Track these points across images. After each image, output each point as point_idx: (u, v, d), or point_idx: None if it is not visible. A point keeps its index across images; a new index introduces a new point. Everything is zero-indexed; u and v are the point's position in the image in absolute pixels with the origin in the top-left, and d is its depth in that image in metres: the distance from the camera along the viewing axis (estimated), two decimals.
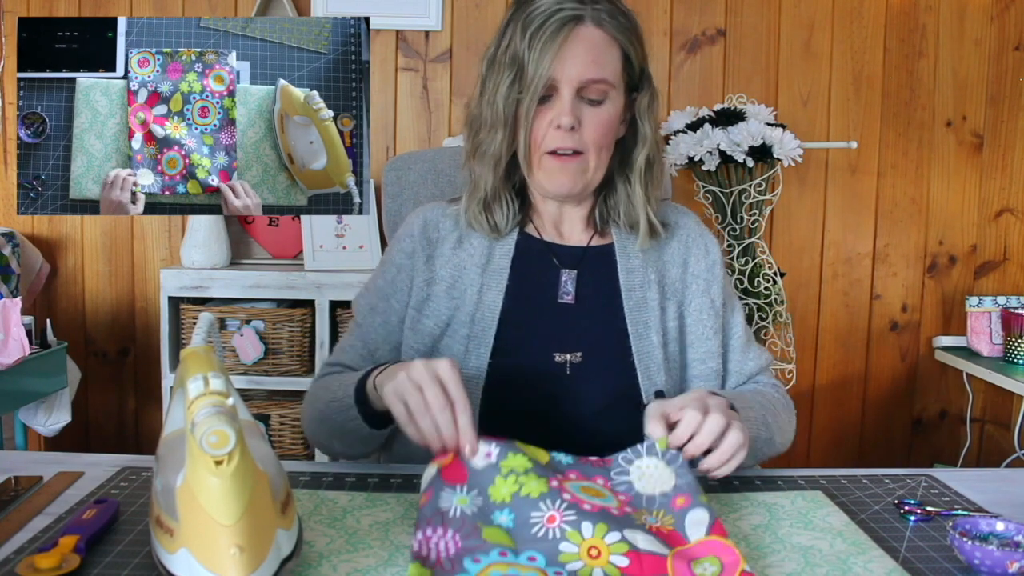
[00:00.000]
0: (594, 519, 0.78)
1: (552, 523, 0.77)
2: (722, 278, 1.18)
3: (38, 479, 0.95)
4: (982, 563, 0.76)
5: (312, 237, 2.30)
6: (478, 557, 0.73)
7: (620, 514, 0.80)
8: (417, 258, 1.15)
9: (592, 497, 0.82)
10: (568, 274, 1.14)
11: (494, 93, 1.09)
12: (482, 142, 1.12)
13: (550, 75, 1.04)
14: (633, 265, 1.15)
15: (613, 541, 0.75)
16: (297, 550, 0.73)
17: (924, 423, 2.64)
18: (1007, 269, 2.60)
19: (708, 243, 1.20)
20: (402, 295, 1.16)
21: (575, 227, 1.18)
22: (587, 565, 0.73)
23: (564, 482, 0.83)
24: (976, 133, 2.55)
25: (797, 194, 2.53)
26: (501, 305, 1.11)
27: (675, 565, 0.74)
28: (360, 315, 1.18)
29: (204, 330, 0.89)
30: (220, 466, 0.66)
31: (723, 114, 2.23)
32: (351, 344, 1.17)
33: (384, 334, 1.16)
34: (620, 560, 0.74)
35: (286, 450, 2.26)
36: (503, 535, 0.77)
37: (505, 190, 1.15)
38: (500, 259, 1.14)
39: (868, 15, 2.50)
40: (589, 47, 1.05)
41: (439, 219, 1.18)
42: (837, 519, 0.90)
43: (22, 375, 1.97)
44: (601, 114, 1.08)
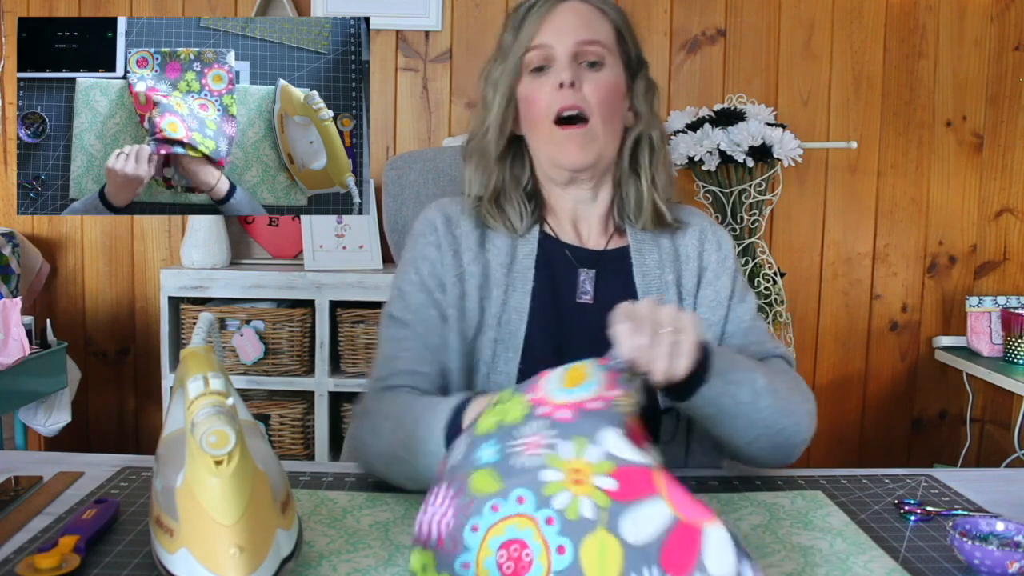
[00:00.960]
0: (571, 432, 0.74)
1: (531, 450, 0.73)
2: (732, 271, 1.16)
3: (38, 479, 0.95)
4: (982, 563, 0.76)
5: (312, 237, 2.30)
6: (476, 524, 0.71)
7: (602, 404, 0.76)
8: (445, 252, 1.11)
9: (573, 390, 0.78)
10: (586, 274, 1.13)
11: (492, 91, 1.12)
12: (486, 131, 1.12)
13: (541, 42, 1.07)
14: (649, 267, 1.14)
15: (596, 459, 0.72)
16: (297, 550, 0.73)
17: (924, 423, 2.64)
18: (1007, 269, 2.60)
19: (721, 239, 1.18)
20: (442, 289, 1.10)
21: (593, 228, 1.16)
22: (574, 497, 0.70)
23: (540, 386, 0.79)
24: (976, 133, 2.55)
25: (797, 194, 2.53)
26: (528, 308, 1.09)
27: (662, 477, 0.70)
28: (407, 313, 1.10)
29: (204, 330, 0.89)
30: (220, 466, 0.66)
31: (723, 114, 2.23)
32: (405, 349, 1.08)
33: (441, 330, 1.09)
34: (606, 482, 0.70)
35: (286, 450, 2.26)
36: (488, 478, 0.74)
37: (516, 192, 1.13)
38: (524, 259, 1.11)
39: (868, 15, 2.50)
40: (579, 15, 1.09)
41: (458, 215, 1.14)
42: (837, 519, 0.90)
43: (22, 375, 1.97)
44: (601, 76, 1.08)
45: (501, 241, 1.12)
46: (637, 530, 0.67)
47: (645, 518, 0.68)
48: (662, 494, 0.69)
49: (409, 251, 1.14)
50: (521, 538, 0.69)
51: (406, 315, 1.09)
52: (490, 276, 1.10)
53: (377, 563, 0.78)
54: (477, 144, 1.14)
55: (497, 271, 1.11)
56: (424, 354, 1.07)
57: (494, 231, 1.13)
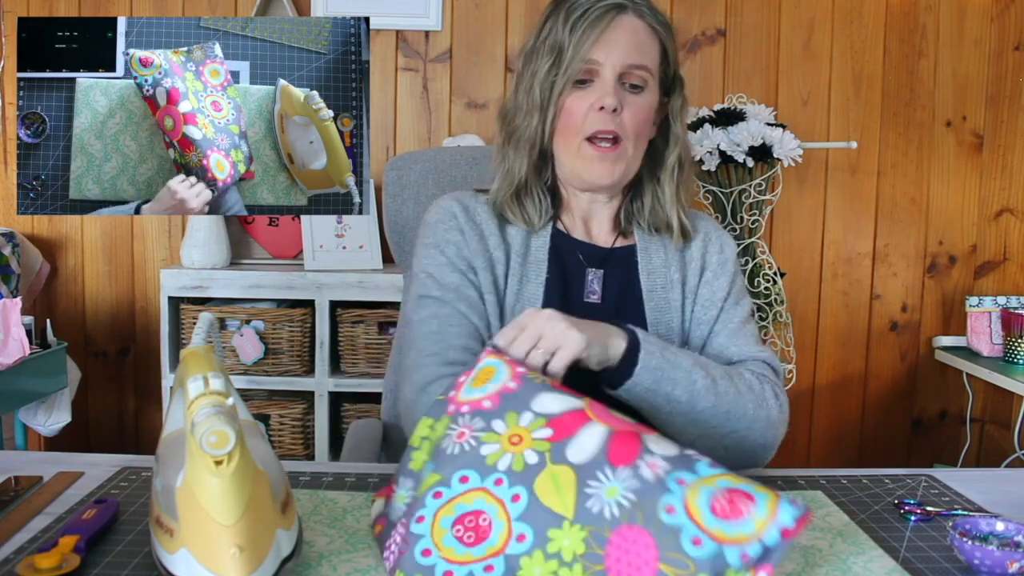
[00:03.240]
0: (499, 412, 0.77)
1: (462, 438, 0.77)
2: (731, 274, 1.17)
3: (38, 479, 0.95)
4: (982, 563, 0.76)
5: (312, 237, 2.30)
6: (421, 516, 0.73)
7: (518, 385, 0.80)
8: (469, 237, 1.10)
9: (486, 386, 0.81)
10: (594, 273, 1.14)
11: (531, 80, 1.09)
12: (517, 127, 1.11)
13: (592, 57, 1.05)
14: (654, 266, 1.15)
15: (528, 422, 0.75)
16: (297, 550, 0.73)
17: (924, 423, 2.64)
18: (1007, 269, 2.60)
19: (724, 242, 1.19)
20: (473, 272, 1.09)
21: (603, 226, 1.17)
22: (516, 454, 0.73)
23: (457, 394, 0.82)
24: (976, 133, 2.55)
25: (797, 194, 2.53)
26: (542, 300, 1.09)
27: (592, 409, 0.75)
28: (446, 292, 1.07)
29: (204, 330, 0.89)
30: (220, 466, 0.66)
31: (723, 114, 2.23)
32: (452, 325, 1.05)
33: (482, 311, 1.07)
34: (542, 433, 0.74)
35: (286, 450, 2.26)
36: (429, 478, 0.76)
37: (537, 185, 1.14)
38: (537, 251, 1.12)
39: (868, 15, 2.50)
40: (632, 33, 1.07)
41: (475, 205, 1.14)
42: (837, 519, 0.90)
43: (22, 375, 1.97)
44: (641, 101, 1.08)
45: (516, 232, 1.13)
46: (582, 451, 0.71)
47: (585, 441, 0.72)
48: (595, 419, 0.74)
49: (428, 237, 1.13)
50: (474, 510, 0.72)
51: (445, 294, 1.07)
52: (509, 265, 1.12)
53: (377, 563, 0.78)
54: (523, 134, 1.11)
55: (514, 260, 1.12)
56: (471, 330, 1.05)
57: (510, 224, 1.14)
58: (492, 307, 1.09)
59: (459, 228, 1.11)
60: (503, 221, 1.14)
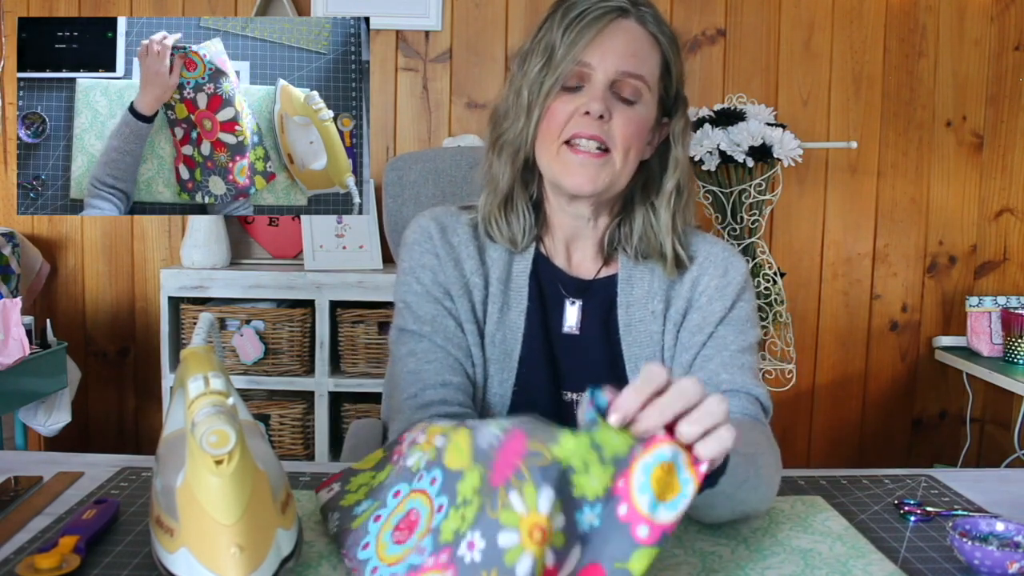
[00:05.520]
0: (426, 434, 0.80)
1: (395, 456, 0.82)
2: (730, 298, 1.06)
3: (38, 479, 0.95)
4: (982, 563, 0.76)
5: (312, 237, 2.30)
6: (366, 543, 0.74)
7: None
8: (444, 261, 1.06)
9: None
10: (572, 304, 1.08)
11: (521, 80, 1.03)
12: (504, 132, 1.05)
13: (584, 59, 0.98)
14: (635, 298, 1.08)
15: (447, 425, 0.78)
16: (297, 550, 0.73)
17: (924, 423, 2.64)
18: (1007, 269, 2.60)
19: (730, 266, 1.08)
20: (449, 298, 1.05)
21: (587, 252, 1.10)
22: (429, 448, 0.76)
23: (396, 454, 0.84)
24: (976, 133, 2.55)
25: (797, 194, 2.53)
26: (523, 329, 1.05)
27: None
28: (422, 325, 1.04)
29: (204, 330, 0.89)
30: (220, 466, 0.66)
31: (723, 114, 2.23)
32: (428, 361, 1.02)
33: (460, 339, 1.04)
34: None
35: (286, 450, 2.26)
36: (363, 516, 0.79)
37: (522, 199, 1.07)
38: (519, 276, 1.07)
39: (868, 15, 2.50)
40: (630, 40, 1.00)
41: (455, 225, 1.08)
42: (837, 523, 0.90)
43: (22, 375, 1.97)
44: (632, 113, 1.00)
45: (498, 255, 1.08)
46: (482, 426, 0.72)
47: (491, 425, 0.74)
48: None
49: (405, 261, 1.08)
50: (406, 511, 0.74)
51: (422, 327, 1.04)
52: (488, 290, 1.07)
53: None
54: (508, 138, 1.05)
55: (495, 285, 1.06)
56: (449, 363, 1.03)
57: (492, 244, 1.08)
58: (473, 336, 1.04)
59: (434, 252, 1.06)
60: (483, 243, 1.08)
